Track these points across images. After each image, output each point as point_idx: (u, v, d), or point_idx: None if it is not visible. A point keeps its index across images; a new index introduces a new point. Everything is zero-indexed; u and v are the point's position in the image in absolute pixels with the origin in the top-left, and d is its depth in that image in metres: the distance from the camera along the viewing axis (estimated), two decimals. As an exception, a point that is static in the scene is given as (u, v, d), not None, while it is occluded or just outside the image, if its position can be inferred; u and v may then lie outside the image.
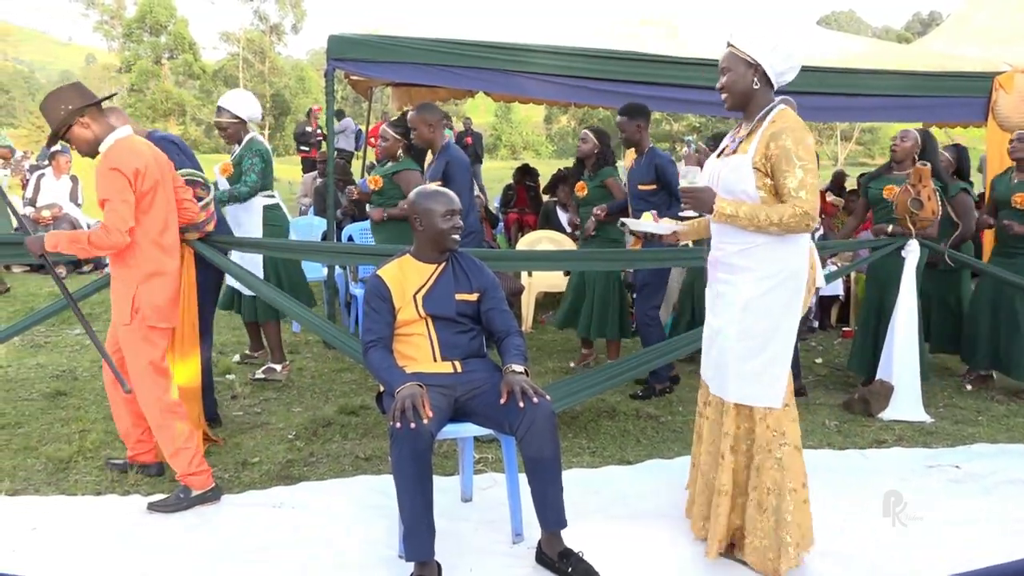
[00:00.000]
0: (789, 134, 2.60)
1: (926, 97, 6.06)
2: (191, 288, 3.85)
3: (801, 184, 2.58)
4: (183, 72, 45.28)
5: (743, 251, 2.73)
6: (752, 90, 2.73)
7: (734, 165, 2.74)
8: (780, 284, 2.71)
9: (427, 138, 4.77)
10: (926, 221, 4.64)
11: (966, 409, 4.86)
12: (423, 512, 2.64)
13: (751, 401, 2.77)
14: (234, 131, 4.95)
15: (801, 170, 2.58)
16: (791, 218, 2.58)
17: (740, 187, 2.71)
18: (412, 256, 3.04)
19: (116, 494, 3.43)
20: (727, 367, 2.79)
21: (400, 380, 2.76)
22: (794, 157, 2.59)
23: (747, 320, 2.73)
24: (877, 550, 3.03)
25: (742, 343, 2.75)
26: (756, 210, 2.63)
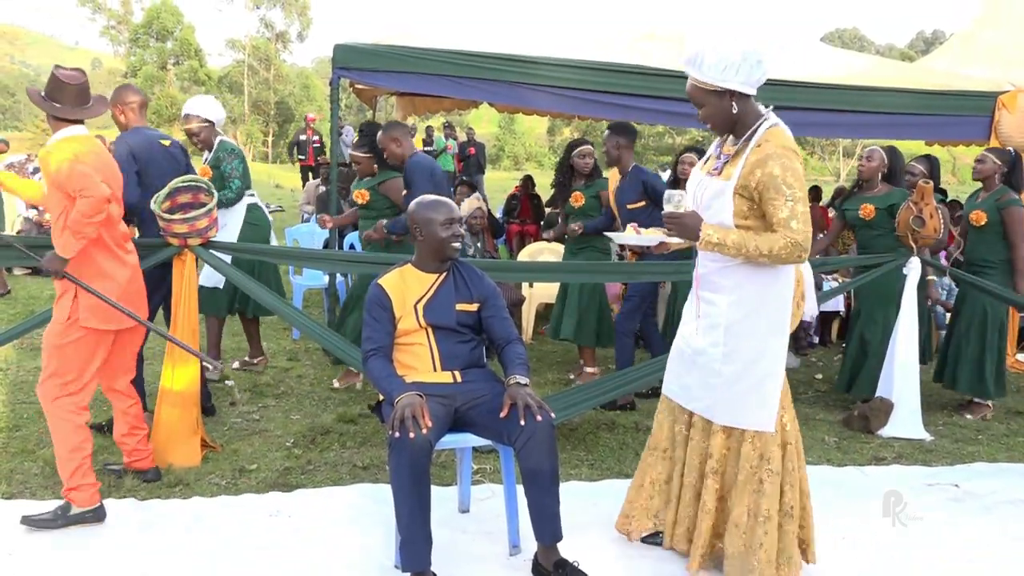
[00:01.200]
0: (776, 161, 2.48)
1: (929, 115, 6.07)
2: (191, 294, 3.86)
3: (792, 214, 2.48)
4: (188, 78, 45.39)
5: (725, 269, 2.65)
6: (733, 115, 2.61)
7: (715, 191, 2.63)
8: (763, 305, 2.62)
9: (397, 154, 4.81)
10: (928, 239, 4.66)
11: (966, 428, 4.85)
12: (420, 522, 2.64)
13: (742, 424, 2.69)
14: (206, 135, 4.97)
15: (791, 199, 2.47)
16: (782, 249, 2.48)
17: (720, 215, 2.60)
18: (413, 265, 3.05)
19: (113, 498, 3.42)
20: (715, 389, 2.71)
21: (400, 389, 2.76)
22: (783, 186, 2.47)
23: (732, 342, 2.66)
24: (876, 568, 3.02)
25: (729, 366, 2.67)
26: (745, 239, 2.52)
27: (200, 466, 3.79)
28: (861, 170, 5.04)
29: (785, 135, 2.57)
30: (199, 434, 3.89)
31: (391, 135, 4.83)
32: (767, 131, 2.57)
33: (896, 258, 4.77)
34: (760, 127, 2.58)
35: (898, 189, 4.95)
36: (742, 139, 2.61)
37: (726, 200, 2.57)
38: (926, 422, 4.70)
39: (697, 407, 2.81)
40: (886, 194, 4.93)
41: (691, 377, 2.81)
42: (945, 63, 7.61)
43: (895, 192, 4.91)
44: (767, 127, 2.58)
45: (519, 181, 10.28)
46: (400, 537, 2.68)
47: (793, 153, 2.51)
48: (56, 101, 3.29)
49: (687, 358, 2.83)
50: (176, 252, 3.84)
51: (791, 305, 2.65)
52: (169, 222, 3.75)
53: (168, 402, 3.81)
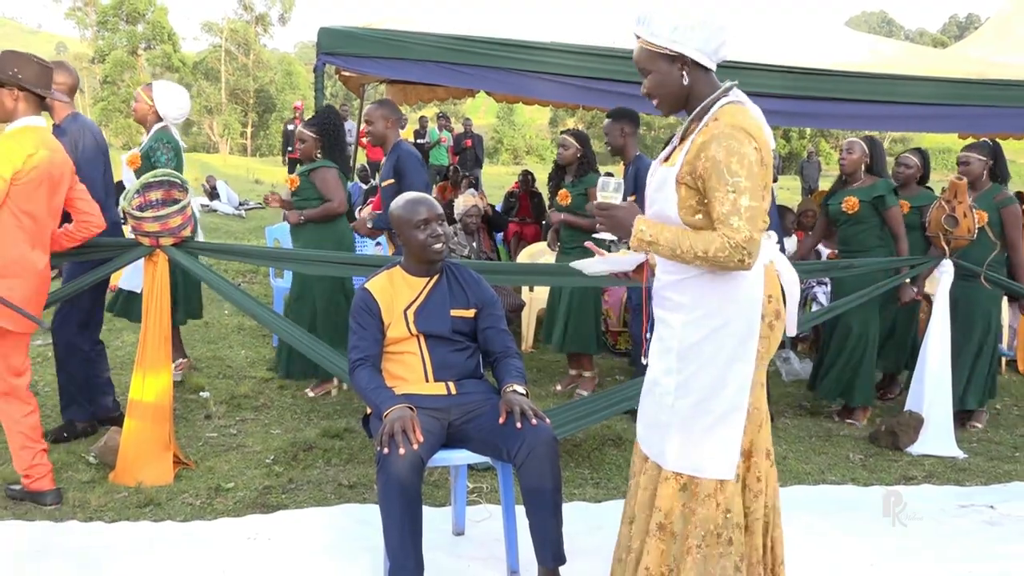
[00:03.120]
0: (722, 142, 2.17)
1: (963, 106, 6.07)
2: (164, 297, 3.86)
3: (734, 208, 2.14)
4: (161, 64, 45.42)
5: (681, 283, 2.33)
6: (683, 87, 2.31)
7: (659, 180, 2.36)
8: (723, 326, 2.29)
9: (381, 134, 4.94)
10: (962, 240, 4.66)
11: (1002, 444, 4.85)
12: (411, 546, 2.63)
13: (696, 472, 2.33)
14: (145, 117, 5.00)
15: (734, 190, 2.14)
16: (719, 251, 2.15)
17: (664, 209, 2.33)
18: (403, 268, 3.05)
19: (77, 520, 3.42)
20: (668, 428, 2.37)
21: (389, 402, 2.76)
22: (725, 172, 2.15)
23: (687, 370, 2.33)
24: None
25: (683, 399, 2.35)
26: (679, 238, 2.22)
27: (173, 484, 3.79)
28: (843, 164, 5.09)
29: (742, 114, 2.25)
30: (171, 450, 3.89)
31: (384, 112, 4.95)
32: (721, 108, 2.27)
33: (929, 260, 4.79)
34: (715, 104, 2.28)
35: (882, 180, 5.02)
36: (692, 116, 2.34)
37: (669, 190, 2.29)
38: (959, 438, 4.71)
39: (651, 452, 2.46)
40: (870, 186, 4.97)
41: (644, 414, 2.50)
42: (980, 49, 7.62)
43: (880, 183, 4.98)
44: (723, 103, 2.28)
45: (518, 177, 10.28)
46: (389, 562, 2.68)
47: (744, 134, 2.18)
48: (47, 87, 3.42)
49: (645, 391, 2.52)
50: (147, 253, 3.84)
51: (760, 326, 2.31)
52: (140, 220, 3.75)
53: (137, 415, 3.80)
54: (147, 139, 4.98)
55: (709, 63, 2.29)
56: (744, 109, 2.27)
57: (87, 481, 3.81)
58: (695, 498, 2.33)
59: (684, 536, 2.34)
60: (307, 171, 5.08)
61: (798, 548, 3.34)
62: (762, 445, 2.39)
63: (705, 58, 2.27)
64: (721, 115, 2.24)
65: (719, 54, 2.30)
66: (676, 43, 2.25)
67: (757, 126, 2.24)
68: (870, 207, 4.93)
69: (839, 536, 3.46)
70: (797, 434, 4.88)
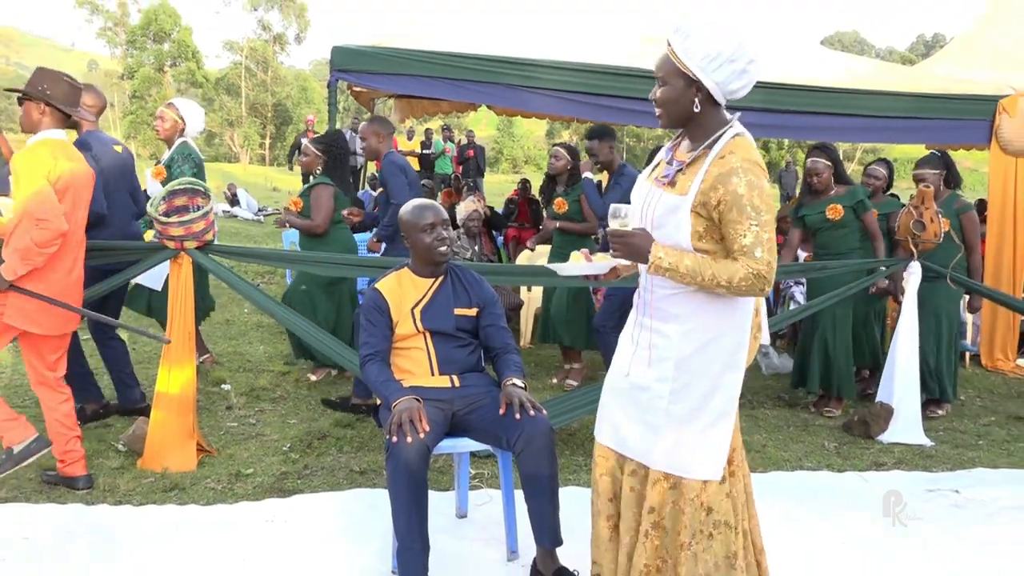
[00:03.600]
0: (742, 176, 2.13)
1: (930, 119, 6.08)
2: (188, 297, 3.86)
3: (757, 240, 2.12)
4: (185, 80, 45.37)
5: (676, 296, 2.28)
6: (691, 112, 2.23)
7: (669, 206, 2.24)
8: (719, 337, 2.27)
9: (375, 148, 4.92)
10: (928, 243, 4.66)
11: (967, 433, 4.85)
12: (417, 527, 2.63)
13: (687, 472, 2.30)
14: (170, 131, 5.00)
15: (757, 224, 2.12)
16: (743, 280, 2.14)
17: (674, 235, 2.23)
18: (410, 270, 3.05)
19: (107, 503, 3.41)
20: (659, 431, 2.32)
21: (397, 394, 2.75)
22: (748, 207, 2.12)
23: (682, 379, 2.29)
24: (875, 575, 3.01)
25: (677, 405, 2.30)
26: (701, 266, 2.17)
27: (196, 471, 3.79)
28: (817, 184, 4.99)
29: (752, 147, 2.23)
30: (195, 438, 3.88)
31: (375, 128, 4.91)
32: (731, 140, 2.21)
33: (899, 262, 4.79)
34: (724, 134, 2.22)
35: (858, 187, 5.01)
36: (702, 146, 2.24)
37: (682, 218, 2.21)
38: (926, 427, 4.71)
39: (634, 451, 2.40)
40: (849, 192, 4.94)
41: (627, 416, 2.42)
42: (946, 67, 7.62)
43: (858, 189, 4.99)
44: (732, 135, 2.23)
45: (517, 185, 10.27)
46: (397, 543, 2.68)
47: (760, 169, 2.19)
48: (74, 105, 3.41)
49: (624, 394, 2.43)
50: (172, 255, 3.84)
51: (749, 337, 2.33)
52: (165, 225, 3.75)
53: (163, 406, 3.80)
54: (170, 152, 4.98)
55: (721, 100, 2.23)
56: (750, 142, 2.23)
57: (117, 467, 3.81)
58: (683, 497, 2.29)
59: (676, 532, 2.30)
60: (307, 190, 5.04)
61: (775, 531, 3.34)
62: (738, 443, 2.40)
63: (719, 94, 2.20)
64: (734, 148, 2.18)
65: (735, 94, 2.23)
66: (702, 70, 2.17)
67: (761, 160, 2.23)
68: (851, 212, 4.92)
69: (814, 520, 3.46)
70: (776, 424, 4.88)
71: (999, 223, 6.26)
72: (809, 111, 5.91)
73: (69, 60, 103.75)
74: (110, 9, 47.22)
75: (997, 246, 6.27)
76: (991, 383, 6.07)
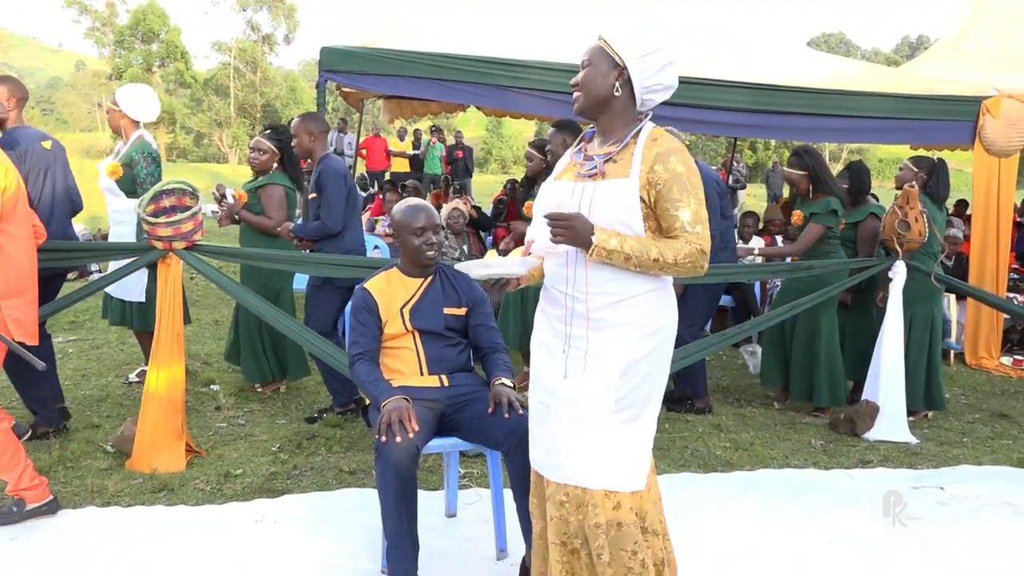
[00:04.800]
0: (679, 156, 2.16)
1: (914, 120, 6.12)
2: (176, 297, 3.84)
3: (696, 217, 2.14)
4: (174, 80, 45.18)
5: (620, 303, 2.18)
6: (612, 97, 2.22)
7: (614, 192, 2.17)
8: (661, 342, 2.24)
9: (307, 147, 4.61)
10: (913, 243, 4.69)
11: (951, 431, 4.88)
12: (407, 527, 2.63)
13: (619, 486, 2.20)
14: (117, 123, 4.78)
15: (695, 200, 2.15)
16: (687, 257, 2.12)
17: (625, 220, 2.16)
18: (399, 269, 3.05)
19: (95, 505, 3.39)
20: (596, 445, 2.20)
21: (386, 394, 2.75)
22: (687, 184, 2.14)
23: (626, 386, 2.19)
24: (863, 571, 3.03)
25: (619, 414, 2.19)
26: (646, 245, 2.12)
27: (185, 471, 3.77)
28: (795, 192, 5.03)
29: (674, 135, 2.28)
30: (184, 439, 3.86)
31: (307, 126, 4.58)
32: (653, 130, 2.24)
33: (884, 262, 4.81)
34: (644, 127, 2.25)
35: (825, 199, 4.85)
36: (629, 135, 2.23)
37: (632, 200, 2.16)
38: (911, 425, 4.74)
39: (562, 474, 2.25)
40: (815, 203, 4.88)
41: (551, 433, 2.28)
42: (930, 68, 7.67)
43: (821, 203, 4.84)
44: (651, 127, 2.25)
45: (505, 185, 10.28)
46: (386, 542, 2.67)
47: (688, 154, 2.23)
48: None
49: (551, 412, 2.28)
50: (160, 256, 3.82)
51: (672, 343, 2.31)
52: (153, 225, 3.73)
53: (152, 406, 3.78)
54: (127, 148, 4.74)
55: (638, 96, 2.23)
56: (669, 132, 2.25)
57: (104, 468, 3.79)
58: (616, 513, 2.21)
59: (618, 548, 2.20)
60: (256, 187, 4.78)
61: (763, 528, 3.36)
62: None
63: (639, 88, 2.22)
64: (658, 135, 2.21)
65: (650, 95, 2.24)
66: (626, 56, 2.20)
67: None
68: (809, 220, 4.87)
69: (802, 517, 3.48)
70: (763, 422, 4.89)
71: (983, 223, 6.31)
72: (796, 112, 5.94)
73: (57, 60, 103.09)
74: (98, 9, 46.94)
75: (981, 246, 6.31)
76: (975, 381, 6.11)
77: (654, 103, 2.27)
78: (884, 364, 4.72)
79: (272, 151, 4.81)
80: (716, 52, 6.47)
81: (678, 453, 4.28)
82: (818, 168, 4.91)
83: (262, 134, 4.92)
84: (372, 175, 14.49)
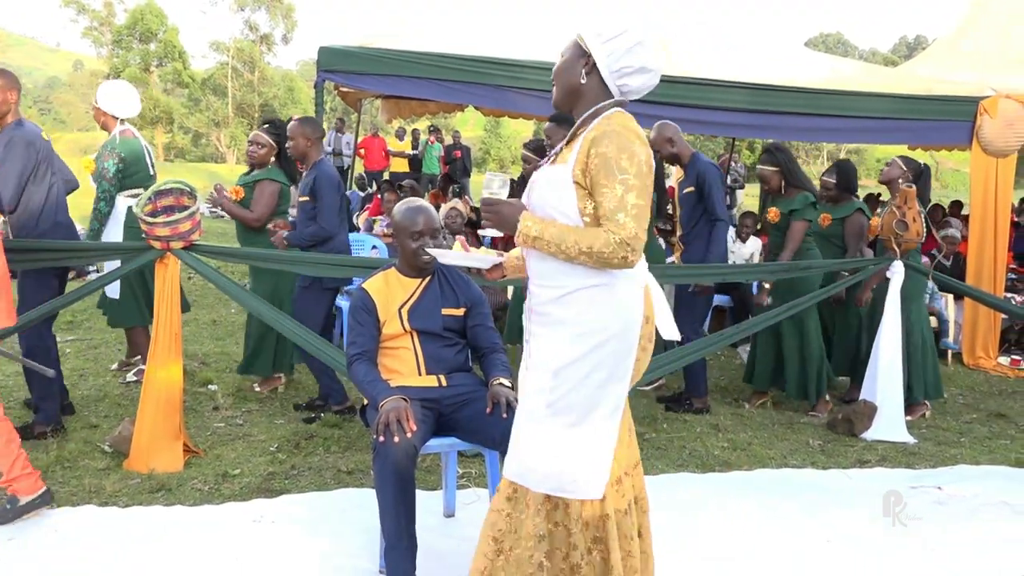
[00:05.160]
0: (613, 139, 2.02)
1: (912, 120, 6.14)
2: (174, 297, 3.84)
3: (620, 204, 1.99)
4: (172, 80, 45.16)
5: (561, 298, 2.12)
6: (579, 84, 2.16)
7: (552, 178, 2.14)
8: (602, 344, 2.09)
9: (302, 150, 4.63)
10: (911, 243, 4.70)
11: (948, 431, 4.89)
12: (405, 527, 2.63)
13: (567, 493, 2.13)
14: (102, 122, 4.83)
15: (621, 185, 1.99)
16: (604, 247, 1.98)
17: (559, 207, 2.11)
18: (397, 270, 3.04)
19: (93, 505, 3.39)
20: (539, 448, 2.15)
21: (384, 394, 2.75)
22: (614, 168, 2.00)
23: (560, 389, 2.11)
24: (861, 571, 3.04)
25: (556, 418, 2.13)
26: (564, 233, 2.05)
27: (183, 471, 3.76)
28: (766, 191, 5.02)
29: (631, 119, 2.13)
30: (182, 439, 3.86)
31: (305, 130, 4.61)
32: (611, 114, 2.13)
33: (882, 261, 4.82)
34: (604, 111, 2.15)
35: (801, 195, 4.84)
36: (580, 121, 2.19)
37: (566, 190, 2.10)
38: (909, 425, 4.74)
39: (511, 470, 2.22)
40: (790, 199, 4.87)
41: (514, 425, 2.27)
42: (928, 68, 7.68)
43: (797, 198, 4.84)
44: (613, 111, 2.14)
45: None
46: (385, 542, 2.67)
47: (636, 136, 2.07)
48: None
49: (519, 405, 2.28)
50: (158, 255, 3.82)
51: (636, 346, 2.14)
52: (151, 225, 3.73)
53: (150, 406, 3.77)
54: (102, 144, 4.78)
55: (609, 82, 2.15)
56: (629, 117, 2.14)
57: (102, 468, 3.78)
58: (567, 519, 2.15)
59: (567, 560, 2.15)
60: (252, 182, 4.80)
61: (761, 528, 3.37)
62: (630, 460, 2.24)
63: (608, 73, 2.14)
64: (611, 118, 2.10)
65: (624, 81, 2.15)
66: (591, 43, 2.14)
67: (643, 133, 2.14)
68: (787, 218, 4.86)
69: (801, 517, 3.48)
70: (761, 422, 4.90)
71: (980, 223, 6.32)
72: (793, 112, 5.95)
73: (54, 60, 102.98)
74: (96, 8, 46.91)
75: (979, 245, 6.33)
76: (973, 381, 6.12)
77: (631, 87, 2.17)
78: (882, 364, 4.72)
79: (270, 145, 4.87)
80: (714, 52, 6.48)
81: (676, 453, 4.28)
82: (790, 164, 4.93)
83: (260, 128, 5.00)
84: (370, 175, 14.50)
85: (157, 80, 44.75)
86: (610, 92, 2.16)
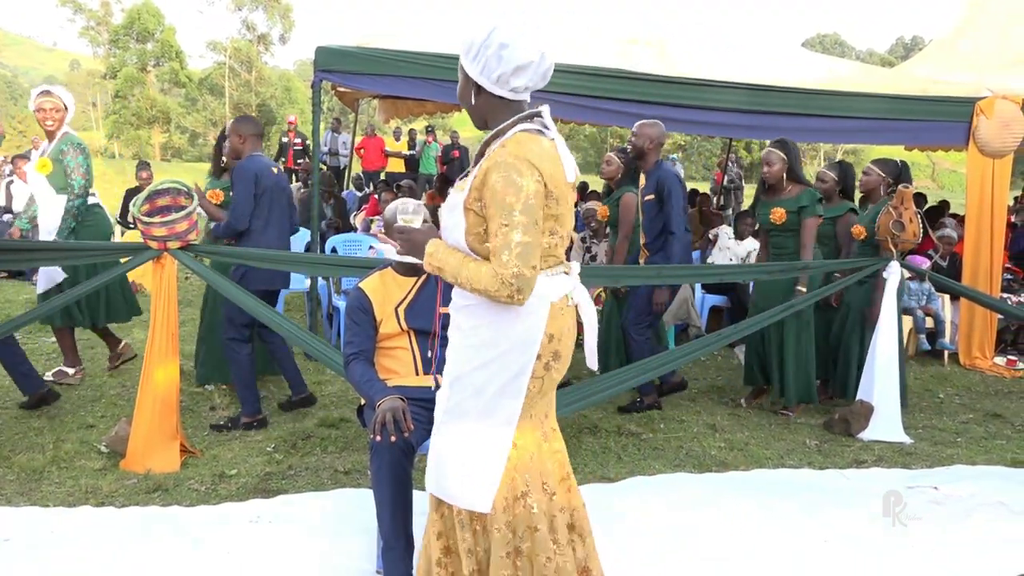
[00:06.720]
0: (502, 172, 1.94)
1: (909, 121, 6.15)
2: (171, 297, 3.83)
3: (504, 243, 1.92)
4: (169, 80, 45.13)
5: (465, 308, 2.12)
6: (474, 104, 2.10)
7: (451, 204, 2.11)
8: (496, 359, 2.06)
9: (237, 149, 4.55)
10: (908, 243, 4.70)
11: (945, 431, 4.89)
12: (402, 527, 2.63)
13: (456, 499, 2.14)
14: (58, 121, 4.72)
15: (507, 224, 1.92)
16: (488, 285, 1.94)
17: (454, 234, 2.09)
18: (394, 269, 3.04)
19: (89, 505, 3.38)
20: (439, 451, 2.19)
21: (381, 393, 2.74)
22: (501, 207, 1.93)
23: (455, 397, 2.13)
24: (858, 571, 3.04)
25: (451, 425, 2.15)
26: (460, 268, 2.02)
27: (179, 471, 3.76)
28: (766, 175, 4.92)
29: (532, 142, 2.01)
30: (178, 439, 3.86)
31: (238, 128, 4.54)
32: (514, 135, 2.03)
33: (877, 262, 4.82)
34: (511, 131, 2.05)
35: (807, 190, 4.81)
36: (484, 142, 2.12)
37: (458, 215, 2.07)
38: (905, 425, 4.75)
39: (431, 483, 2.23)
40: (795, 196, 4.82)
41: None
42: (924, 69, 7.70)
43: (804, 194, 4.79)
44: (518, 130, 2.05)
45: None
46: (382, 542, 2.67)
47: (527, 164, 1.95)
48: None
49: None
50: (155, 255, 3.81)
51: (534, 365, 2.07)
52: (148, 225, 3.73)
53: (147, 406, 3.77)
54: (55, 144, 4.71)
55: (496, 90, 2.05)
56: (535, 138, 2.04)
57: (99, 469, 3.78)
58: (462, 526, 2.15)
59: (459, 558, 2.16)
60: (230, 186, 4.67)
61: (758, 528, 3.37)
62: (537, 480, 2.14)
63: (489, 83, 2.04)
64: (510, 143, 2.00)
65: (512, 82, 2.03)
66: (463, 60, 2.08)
67: (544, 156, 2.01)
68: (795, 217, 4.81)
69: (797, 516, 3.48)
70: (758, 422, 4.90)
71: (976, 223, 6.33)
72: (791, 112, 5.96)
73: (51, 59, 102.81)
74: (93, 8, 46.87)
75: (975, 246, 6.34)
76: (969, 381, 6.13)
77: (520, 86, 2.05)
78: (879, 364, 4.72)
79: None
80: (712, 53, 6.49)
81: (673, 453, 4.28)
82: (795, 159, 4.90)
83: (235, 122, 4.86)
84: (368, 175, 14.50)
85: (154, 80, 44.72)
86: (501, 99, 2.07)
